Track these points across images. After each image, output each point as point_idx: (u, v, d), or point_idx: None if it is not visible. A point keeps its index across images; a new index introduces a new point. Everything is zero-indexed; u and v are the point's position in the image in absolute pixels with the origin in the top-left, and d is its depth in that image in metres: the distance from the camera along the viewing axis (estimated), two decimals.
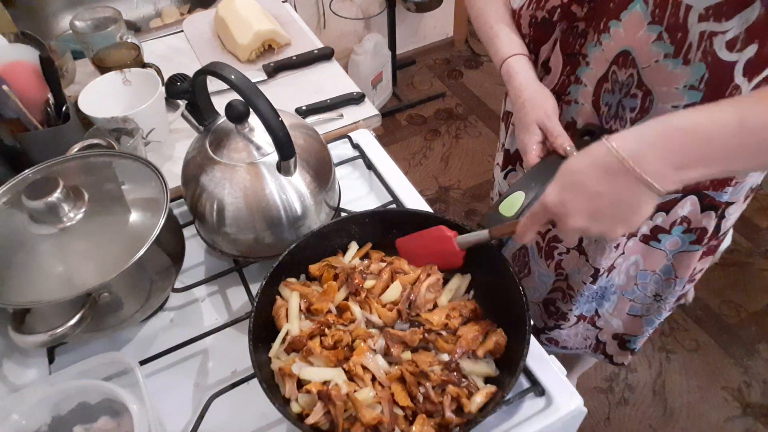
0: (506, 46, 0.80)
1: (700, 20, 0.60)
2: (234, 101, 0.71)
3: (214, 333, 0.74)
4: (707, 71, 0.63)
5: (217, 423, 0.66)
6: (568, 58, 0.76)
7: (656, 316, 1.01)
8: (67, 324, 0.58)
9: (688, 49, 0.62)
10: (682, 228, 0.83)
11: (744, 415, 1.58)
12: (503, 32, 0.81)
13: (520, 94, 0.76)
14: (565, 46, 0.76)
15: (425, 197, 1.06)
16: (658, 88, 0.67)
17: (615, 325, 1.06)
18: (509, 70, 0.79)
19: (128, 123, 0.87)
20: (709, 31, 0.60)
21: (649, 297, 0.97)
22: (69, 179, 0.66)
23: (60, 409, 0.64)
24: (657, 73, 0.66)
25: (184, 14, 1.46)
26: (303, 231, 0.76)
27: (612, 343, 1.11)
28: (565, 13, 0.73)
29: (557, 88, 0.80)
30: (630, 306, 1.01)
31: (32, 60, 0.86)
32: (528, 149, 0.74)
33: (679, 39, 0.62)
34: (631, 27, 0.66)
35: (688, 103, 0.66)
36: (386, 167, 0.95)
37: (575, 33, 0.74)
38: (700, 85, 0.64)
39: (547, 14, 0.75)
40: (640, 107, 0.70)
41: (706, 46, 0.61)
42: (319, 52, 1.19)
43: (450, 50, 2.96)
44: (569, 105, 0.80)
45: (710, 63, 0.62)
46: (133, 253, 0.62)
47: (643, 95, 0.69)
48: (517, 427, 0.64)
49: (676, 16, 0.61)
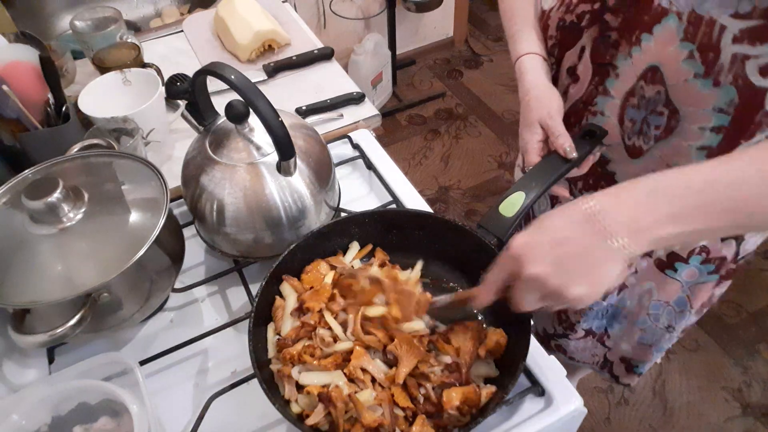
0: (523, 45, 0.79)
1: (734, 42, 0.58)
2: (234, 101, 0.71)
3: (214, 333, 0.73)
4: (737, 95, 0.61)
5: (217, 423, 0.66)
6: (598, 68, 0.74)
7: (666, 344, 0.99)
8: (67, 324, 0.58)
9: (720, 70, 0.60)
10: (700, 258, 0.81)
11: (744, 415, 1.58)
12: (524, 31, 0.80)
13: (527, 92, 0.76)
14: (596, 55, 0.73)
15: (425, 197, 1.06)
16: (685, 108, 0.66)
17: (624, 348, 1.04)
18: (521, 68, 0.78)
19: (128, 123, 0.87)
20: (742, 54, 0.58)
21: (661, 328, 0.95)
22: (69, 179, 0.66)
23: (60, 409, 0.64)
24: (686, 92, 0.64)
25: (184, 14, 1.46)
26: (303, 231, 0.76)
27: (620, 365, 1.09)
28: (594, 20, 0.71)
29: (584, 98, 0.78)
30: (640, 335, 0.99)
31: (32, 60, 0.86)
32: (529, 147, 0.74)
33: (710, 59, 0.60)
34: (662, 42, 0.64)
35: (715, 125, 0.65)
36: (386, 167, 0.95)
37: (607, 43, 0.71)
38: (729, 109, 0.62)
39: (576, 18, 0.74)
40: (665, 125, 0.69)
41: (738, 70, 0.59)
42: (319, 52, 1.19)
43: (450, 50, 2.96)
44: (594, 116, 0.77)
45: (741, 87, 0.60)
46: (133, 253, 0.62)
47: (669, 113, 0.67)
48: (517, 427, 0.64)
49: (709, 36, 0.59)
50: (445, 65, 2.88)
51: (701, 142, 0.67)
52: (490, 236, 0.68)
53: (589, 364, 1.13)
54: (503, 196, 0.70)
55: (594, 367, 1.14)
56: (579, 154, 0.71)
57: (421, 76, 2.83)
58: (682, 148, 0.69)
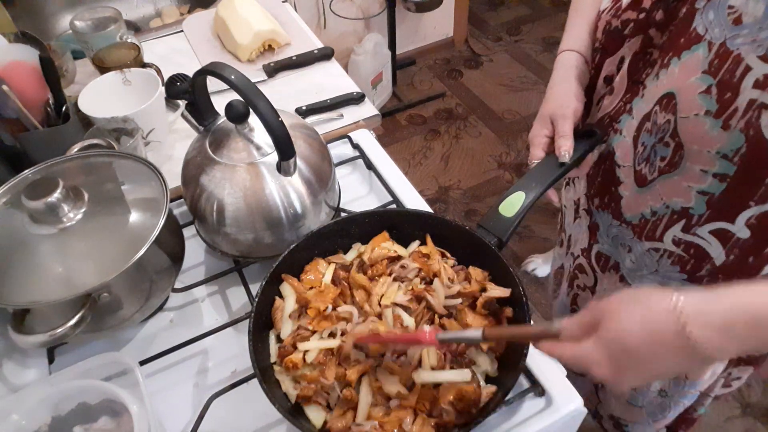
0: (569, 41, 0.79)
1: (755, 86, 0.53)
2: (234, 101, 0.71)
3: (214, 333, 0.73)
4: (745, 145, 0.56)
5: (217, 423, 0.66)
6: (631, 85, 0.71)
7: (659, 411, 0.93)
8: (67, 324, 0.58)
9: (733, 113, 0.56)
10: None
11: (744, 415, 1.58)
12: (576, 26, 0.79)
13: (551, 86, 0.76)
14: (633, 70, 0.71)
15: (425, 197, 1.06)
16: (690, 145, 0.62)
17: (613, 405, 1.00)
18: (558, 62, 0.78)
19: (128, 123, 0.87)
20: (760, 101, 0.54)
21: (653, 392, 0.90)
22: (69, 179, 0.66)
23: (60, 409, 0.64)
24: (693, 128, 0.60)
25: (184, 14, 1.46)
26: (303, 231, 0.76)
27: (608, 421, 1.05)
28: (637, 30, 0.69)
29: (612, 113, 0.75)
30: (631, 395, 0.94)
31: (32, 60, 0.86)
32: (536, 140, 0.74)
33: (726, 99, 0.56)
34: (686, 69, 0.60)
35: (719, 172, 0.60)
36: (386, 167, 0.95)
37: (646, 60, 0.68)
38: (735, 158, 0.58)
39: (620, 25, 0.71)
40: (669, 159, 0.65)
41: (751, 117, 0.55)
42: (319, 52, 1.19)
43: (450, 50, 2.96)
44: (616, 134, 0.74)
45: (751, 137, 0.56)
46: (133, 253, 0.62)
47: (675, 147, 0.64)
48: (517, 427, 0.64)
49: (731, 74, 0.55)
50: (445, 65, 2.88)
51: (703, 186, 0.63)
52: (490, 236, 0.68)
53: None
54: (503, 196, 0.70)
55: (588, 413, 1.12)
56: (575, 156, 0.71)
57: (421, 76, 2.83)
58: (682, 189, 0.65)
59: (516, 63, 2.86)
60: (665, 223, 0.70)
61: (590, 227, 0.86)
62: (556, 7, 3.18)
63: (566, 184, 0.98)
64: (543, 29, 3.04)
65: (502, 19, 3.16)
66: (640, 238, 0.74)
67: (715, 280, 0.69)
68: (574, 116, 0.73)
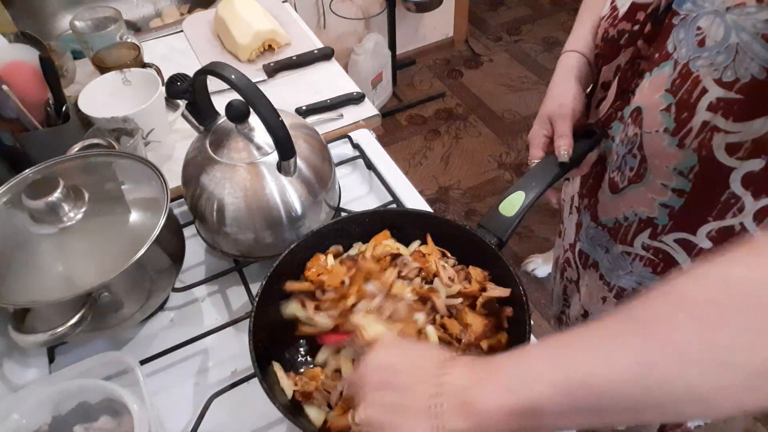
0: (572, 41, 0.79)
1: (709, 108, 0.55)
2: (234, 101, 0.71)
3: (214, 333, 0.74)
4: (698, 164, 0.59)
5: (217, 423, 0.66)
6: (621, 93, 0.73)
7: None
8: (67, 324, 0.58)
9: (687, 132, 0.58)
10: None
11: (744, 415, 1.58)
12: (584, 26, 0.79)
13: (551, 86, 0.77)
14: (623, 80, 0.72)
15: (425, 197, 1.06)
16: (651, 160, 0.64)
17: None
18: (560, 62, 0.78)
19: (128, 123, 0.87)
20: (713, 124, 0.55)
21: None
22: (69, 179, 0.66)
23: (60, 408, 0.64)
24: (654, 144, 0.63)
25: (184, 14, 1.46)
26: (303, 231, 0.76)
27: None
28: (631, 41, 0.69)
29: (604, 120, 0.76)
30: None
31: (32, 60, 0.86)
32: (535, 141, 0.74)
33: (683, 118, 0.58)
34: (653, 86, 0.62)
35: (676, 187, 0.63)
36: (386, 167, 0.95)
37: (635, 70, 0.70)
38: (689, 175, 0.61)
39: (616, 34, 0.71)
40: (636, 171, 0.67)
41: (704, 139, 0.57)
42: (319, 52, 1.19)
43: (450, 50, 2.96)
44: (606, 140, 0.75)
45: (703, 157, 0.58)
46: (133, 253, 0.62)
47: (640, 159, 0.66)
48: None
49: (690, 94, 0.56)
50: (445, 65, 2.88)
51: (664, 199, 0.66)
52: (490, 236, 0.68)
53: None
54: (503, 196, 0.70)
55: None
56: (575, 155, 0.71)
57: (421, 76, 2.83)
58: (647, 199, 0.68)
59: (516, 63, 2.86)
60: (634, 230, 0.73)
61: (576, 224, 0.88)
62: (556, 7, 3.17)
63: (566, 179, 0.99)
64: (543, 29, 3.04)
65: (502, 19, 3.16)
66: (615, 240, 0.77)
67: None
68: (573, 116, 0.73)
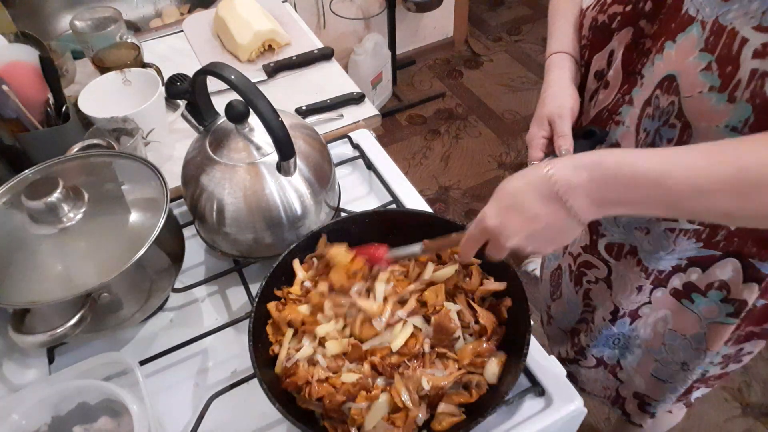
0: (556, 43, 0.79)
1: (755, 56, 0.54)
2: (234, 101, 0.71)
3: (214, 333, 0.74)
4: (753, 114, 0.57)
5: (217, 423, 0.66)
6: (627, 77, 0.71)
7: (680, 385, 0.94)
8: (67, 324, 0.58)
9: (736, 85, 0.56)
10: (720, 295, 0.76)
11: (744, 415, 1.58)
12: (562, 28, 0.80)
13: (546, 88, 0.76)
14: (628, 62, 0.71)
15: (425, 197, 1.06)
16: (697, 123, 0.62)
17: (637, 382, 1.00)
18: (549, 65, 0.79)
19: (128, 123, 0.87)
20: (762, 70, 0.54)
21: (677, 363, 0.91)
22: (69, 179, 0.66)
23: (60, 409, 0.65)
24: (699, 106, 0.61)
25: (184, 14, 1.46)
26: (303, 231, 0.76)
27: (632, 401, 1.05)
28: (625, 23, 0.69)
29: (610, 106, 0.75)
30: (655, 367, 0.94)
31: (32, 60, 0.86)
32: (534, 142, 0.74)
33: (728, 73, 0.57)
34: (683, 51, 0.61)
35: None
36: (386, 167, 0.95)
37: (640, 50, 0.69)
38: (744, 128, 0.58)
39: (607, 19, 0.72)
40: (677, 139, 0.65)
41: (756, 87, 0.55)
42: (319, 52, 1.19)
43: (450, 50, 2.96)
44: (617, 126, 0.74)
45: (758, 105, 0.56)
46: (133, 253, 0.62)
47: (682, 127, 0.64)
48: (517, 427, 0.64)
49: (729, 48, 0.56)
50: (445, 65, 2.88)
51: None
52: None
53: (601, 397, 1.10)
54: None
55: (606, 401, 1.10)
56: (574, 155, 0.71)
57: (421, 76, 2.83)
58: None
59: (516, 63, 2.86)
60: None
61: (589, 225, 0.87)
62: None
63: None
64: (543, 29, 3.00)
65: (502, 19, 3.16)
66: (657, 219, 0.75)
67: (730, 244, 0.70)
68: (572, 115, 0.73)
